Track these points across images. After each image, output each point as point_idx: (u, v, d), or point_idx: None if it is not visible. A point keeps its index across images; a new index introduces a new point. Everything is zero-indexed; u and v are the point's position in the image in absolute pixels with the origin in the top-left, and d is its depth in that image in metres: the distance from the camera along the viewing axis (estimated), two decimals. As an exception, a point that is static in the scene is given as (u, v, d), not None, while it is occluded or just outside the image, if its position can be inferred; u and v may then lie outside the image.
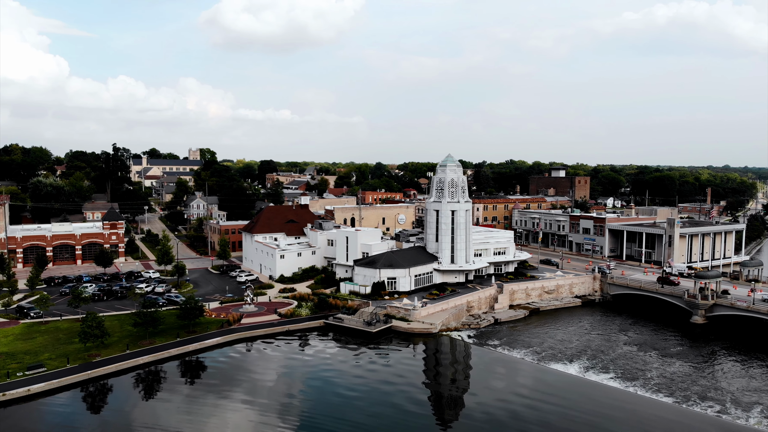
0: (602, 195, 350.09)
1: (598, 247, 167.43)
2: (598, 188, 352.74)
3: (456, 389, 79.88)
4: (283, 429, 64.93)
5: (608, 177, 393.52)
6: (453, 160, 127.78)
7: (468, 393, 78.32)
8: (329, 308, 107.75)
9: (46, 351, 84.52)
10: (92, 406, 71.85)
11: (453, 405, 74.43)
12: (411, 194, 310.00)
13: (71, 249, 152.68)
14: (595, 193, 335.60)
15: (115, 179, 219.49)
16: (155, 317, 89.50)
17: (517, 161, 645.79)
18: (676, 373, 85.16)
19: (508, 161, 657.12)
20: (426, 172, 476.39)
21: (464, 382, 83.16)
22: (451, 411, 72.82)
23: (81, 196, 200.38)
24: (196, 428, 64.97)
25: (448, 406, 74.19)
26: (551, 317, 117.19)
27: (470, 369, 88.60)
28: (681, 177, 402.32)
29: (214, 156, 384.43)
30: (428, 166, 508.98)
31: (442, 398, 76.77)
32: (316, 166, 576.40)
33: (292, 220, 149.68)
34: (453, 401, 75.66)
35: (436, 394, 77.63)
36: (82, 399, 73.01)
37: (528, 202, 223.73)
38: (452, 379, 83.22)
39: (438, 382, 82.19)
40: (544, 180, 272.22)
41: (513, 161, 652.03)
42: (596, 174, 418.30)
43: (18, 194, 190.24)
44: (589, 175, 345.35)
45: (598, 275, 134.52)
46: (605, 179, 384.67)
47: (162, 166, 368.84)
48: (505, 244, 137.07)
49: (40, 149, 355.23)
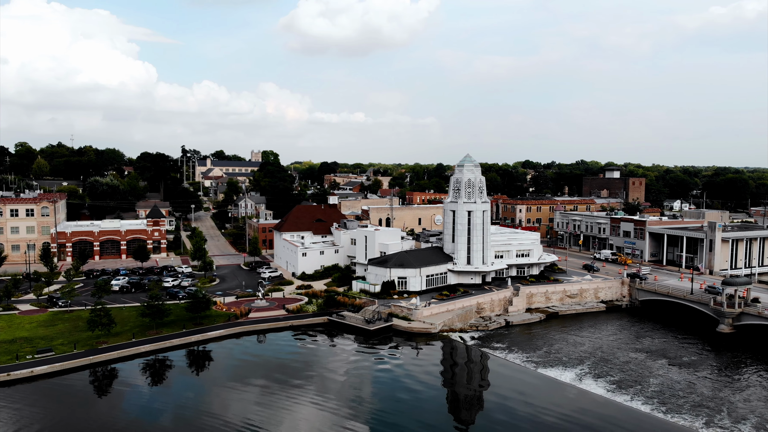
0: (670, 197, 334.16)
1: (638, 251, 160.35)
2: (665, 190, 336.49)
3: (427, 387, 78.96)
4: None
5: (676, 179, 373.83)
6: (471, 161, 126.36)
7: (436, 392, 77.65)
8: (337, 306, 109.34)
9: (61, 337, 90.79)
10: (98, 388, 77.20)
11: (401, 403, 73.67)
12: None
13: (117, 244, 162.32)
14: (662, 195, 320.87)
15: (169, 179, 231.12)
16: (162, 309, 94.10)
17: (589, 162, 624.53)
18: (679, 383, 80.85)
19: (578, 161, 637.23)
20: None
21: (437, 380, 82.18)
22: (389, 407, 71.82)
23: (135, 194, 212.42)
24: (180, 412, 68.28)
25: (389, 404, 73.68)
26: (570, 322, 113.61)
27: (454, 369, 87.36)
28: (759, 179, 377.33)
29: (276, 158, 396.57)
30: (494, 167, 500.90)
31: (398, 395, 76.21)
32: (379, 167, 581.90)
33: (320, 219, 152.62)
34: (411, 399, 74.93)
35: (398, 390, 76.95)
36: (89, 381, 78.38)
37: (576, 204, 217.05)
38: (423, 378, 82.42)
39: (410, 380, 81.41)
40: (598, 181, 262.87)
41: (585, 161, 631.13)
42: (666, 175, 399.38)
43: (77, 193, 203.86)
44: (660, 177, 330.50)
45: (627, 280, 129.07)
46: (673, 181, 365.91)
47: (224, 168, 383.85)
48: (528, 246, 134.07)
49: (113, 151, 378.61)
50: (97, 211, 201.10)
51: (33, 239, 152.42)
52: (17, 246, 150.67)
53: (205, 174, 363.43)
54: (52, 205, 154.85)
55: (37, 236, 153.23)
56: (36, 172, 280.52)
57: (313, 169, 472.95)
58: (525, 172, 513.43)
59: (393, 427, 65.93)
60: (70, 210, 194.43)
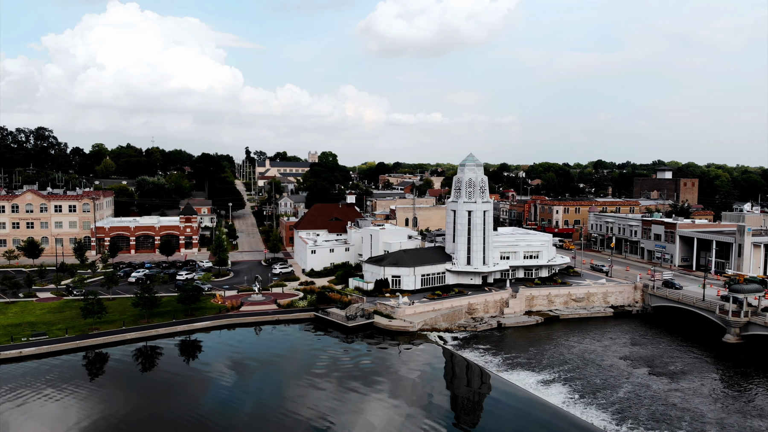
0: (740, 200, 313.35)
1: (668, 255, 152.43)
2: (734, 192, 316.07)
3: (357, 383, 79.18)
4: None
5: (749, 180, 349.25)
6: (473, 160, 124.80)
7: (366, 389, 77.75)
8: (328, 302, 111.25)
9: (63, 323, 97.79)
10: (90, 369, 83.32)
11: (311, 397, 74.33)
12: (509, 196, 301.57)
13: (151, 239, 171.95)
14: (731, 197, 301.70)
15: (215, 179, 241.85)
16: (152, 299, 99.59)
17: (668, 162, 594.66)
18: (653, 394, 76.89)
19: (655, 161, 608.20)
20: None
21: (370, 378, 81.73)
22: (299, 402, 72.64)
23: (179, 193, 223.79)
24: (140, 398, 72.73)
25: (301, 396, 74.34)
26: (569, 327, 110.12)
27: (407, 366, 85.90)
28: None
29: (334, 159, 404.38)
30: (554, 167, 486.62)
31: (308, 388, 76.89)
32: (447, 167, 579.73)
33: (337, 218, 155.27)
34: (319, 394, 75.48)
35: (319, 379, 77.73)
36: (75, 363, 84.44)
37: (618, 205, 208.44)
38: (364, 374, 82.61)
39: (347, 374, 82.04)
40: (648, 182, 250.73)
41: (662, 162, 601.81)
42: (740, 176, 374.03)
43: (127, 191, 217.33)
44: (734, 178, 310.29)
45: (640, 284, 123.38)
46: (745, 182, 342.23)
47: (280, 168, 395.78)
48: (538, 248, 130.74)
49: (179, 152, 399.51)
50: (146, 208, 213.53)
51: (75, 233, 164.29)
52: (60, 239, 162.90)
53: (263, 174, 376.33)
54: (92, 202, 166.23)
55: (78, 231, 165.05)
56: (103, 172, 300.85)
57: (371, 170, 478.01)
58: (591, 173, 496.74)
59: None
60: (120, 207, 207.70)
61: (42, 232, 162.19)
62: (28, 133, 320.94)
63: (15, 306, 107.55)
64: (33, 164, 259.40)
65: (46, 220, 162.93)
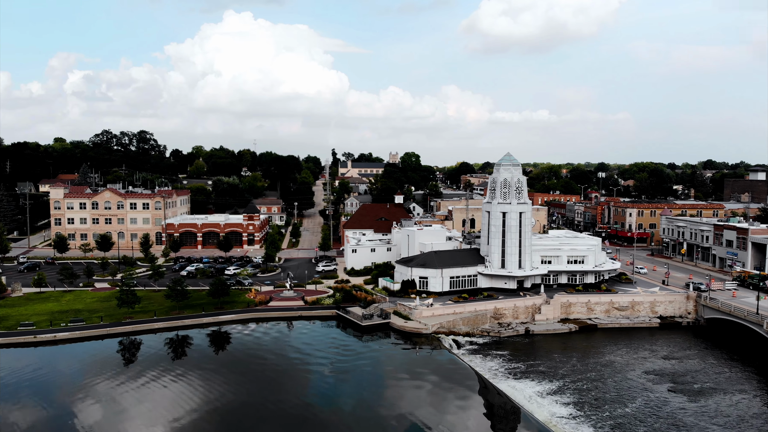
0: None
1: (739, 263, 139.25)
2: None
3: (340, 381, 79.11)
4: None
5: None
6: (510, 160, 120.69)
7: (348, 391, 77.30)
8: (353, 300, 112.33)
9: (105, 311, 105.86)
10: (125, 355, 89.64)
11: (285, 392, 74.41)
12: (592, 197, 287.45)
13: (217, 236, 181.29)
14: None
15: (288, 179, 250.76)
16: (183, 292, 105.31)
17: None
18: (662, 412, 71.24)
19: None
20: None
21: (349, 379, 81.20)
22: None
23: (253, 192, 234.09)
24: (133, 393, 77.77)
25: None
26: (607, 337, 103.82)
27: (403, 370, 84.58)
28: None
29: (417, 159, 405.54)
30: (649, 167, 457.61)
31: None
32: (529, 166, 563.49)
33: (383, 218, 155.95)
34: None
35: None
36: (117, 349, 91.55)
37: (700, 209, 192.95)
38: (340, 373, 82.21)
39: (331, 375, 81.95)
40: (740, 183, 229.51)
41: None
42: None
43: (205, 190, 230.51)
44: None
45: (693, 294, 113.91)
46: None
47: (360, 169, 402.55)
48: (583, 252, 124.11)
49: (269, 154, 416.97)
50: (221, 206, 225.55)
51: (147, 229, 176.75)
52: (135, 234, 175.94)
53: (344, 175, 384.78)
54: (164, 200, 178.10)
55: (150, 227, 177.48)
56: (195, 172, 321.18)
57: (454, 170, 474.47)
58: (690, 173, 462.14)
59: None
60: (197, 205, 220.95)
61: (118, 228, 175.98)
62: (131, 137, 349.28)
63: (70, 294, 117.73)
64: (129, 165, 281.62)
65: (122, 216, 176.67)
